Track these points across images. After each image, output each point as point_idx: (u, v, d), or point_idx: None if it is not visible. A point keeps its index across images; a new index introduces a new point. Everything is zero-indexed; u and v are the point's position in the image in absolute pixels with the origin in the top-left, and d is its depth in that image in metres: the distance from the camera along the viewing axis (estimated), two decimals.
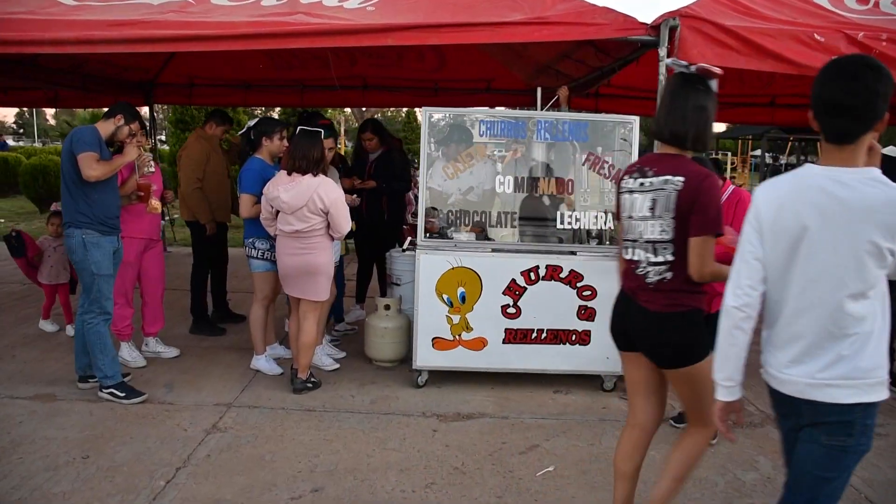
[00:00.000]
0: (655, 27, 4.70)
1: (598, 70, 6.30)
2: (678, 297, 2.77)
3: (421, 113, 4.99)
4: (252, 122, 5.30)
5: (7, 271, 8.74)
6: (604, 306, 4.94)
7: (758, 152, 29.35)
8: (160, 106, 15.10)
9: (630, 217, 2.93)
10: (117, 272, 5.15)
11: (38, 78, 7.85)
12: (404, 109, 26.62)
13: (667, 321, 2.80)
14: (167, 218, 11.55)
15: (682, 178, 2.68)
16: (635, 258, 2.92)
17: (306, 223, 4.62)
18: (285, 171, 4.71)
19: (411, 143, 19.42)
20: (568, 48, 6.26)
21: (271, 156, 5.20)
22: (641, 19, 4.81)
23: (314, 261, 4.71)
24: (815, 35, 4.65)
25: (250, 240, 5.15)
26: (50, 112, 50.36)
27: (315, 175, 4.62)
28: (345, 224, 4.69)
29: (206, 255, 6.42)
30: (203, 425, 4.35)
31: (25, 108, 51.20)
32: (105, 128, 4.66)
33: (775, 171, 22.07)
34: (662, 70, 4.72)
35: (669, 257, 2.76)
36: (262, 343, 5.33)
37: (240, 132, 5.62)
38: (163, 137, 22.65)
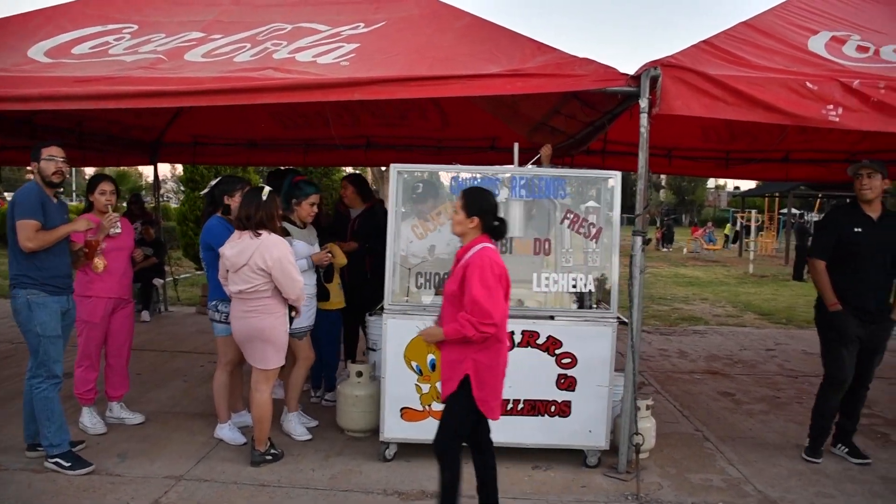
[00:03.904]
0: (636, 77, 4.47)
1: (590, 125, 6.06)
2: None
3: (391, 170, 4.76)
4: (214, 182, 5.14)
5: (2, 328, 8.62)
6: (585, 375, 4.64)
7: (786, 210, 28.78)
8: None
9: None
10: (89, 333, 5.05)
11: (37, 137, 7.84)
12: None
13: None
14: (172, 277, 11.48)
15: None
16: None
17: (249, 283, 4.37)
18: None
19: None
20: (557, 103, 6.06)
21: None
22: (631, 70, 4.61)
23: (259, 325, 4.44)
24: (808, 83, 4.39)
25: (213, 302, 4.92)
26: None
27: (258, 233, 4.38)
28: (291, 286, 4.41)
29: None
30: (144, 501, 4.06)
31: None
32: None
33: (801, 229, 21.52)
34: (644, 123, 4.46)
35: None
36: (225, 411, 5.06)
37: (202, 191, 5.46)
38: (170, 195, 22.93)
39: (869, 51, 4.90)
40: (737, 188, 42.39)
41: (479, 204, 3.63)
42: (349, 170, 13.11)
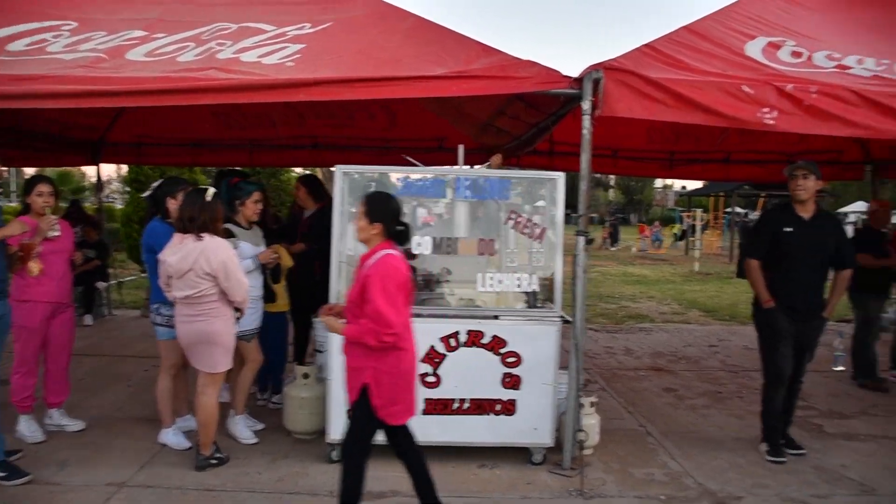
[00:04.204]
0: (579, 80, 4.55)
1: (536, 126, 6.14)
2: None
3: (336, 171, 4.76)
4: (156, 183, 5.07)
5: None
6: (530, 373, 4.69)
7: (730, 209, 29.45)
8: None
9: None
10: (26, 338, 4.94)
11: None
12: None
13: None
14: (116, 280, 11.26)
15: None
16: None
17: (195, 288, 4.31)
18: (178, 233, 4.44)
19: None
20: (501, 104, 6.12)
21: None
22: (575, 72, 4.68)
23: (207, 329, 4.39)
24: (744, 87, 4.53)
25: (155, 305, 4.85)
26: None
27: (200, 236, 4.33)
28: (237, 289, 4.38)
29: None
30: None
31: None
32: None
33: (745, 227, 22.05)
34: (586, 125, 4.54)
35: None
36: (169, 415, 5.00)
37: (144, 193, 5.38)
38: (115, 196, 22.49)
39: (802, 56, 5.05)
40: (684, 188, 43.19)
41: (381, 209, 3.59)
42: (299, 170, 13.04)
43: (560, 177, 4.76)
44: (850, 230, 12.39)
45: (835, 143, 8.41)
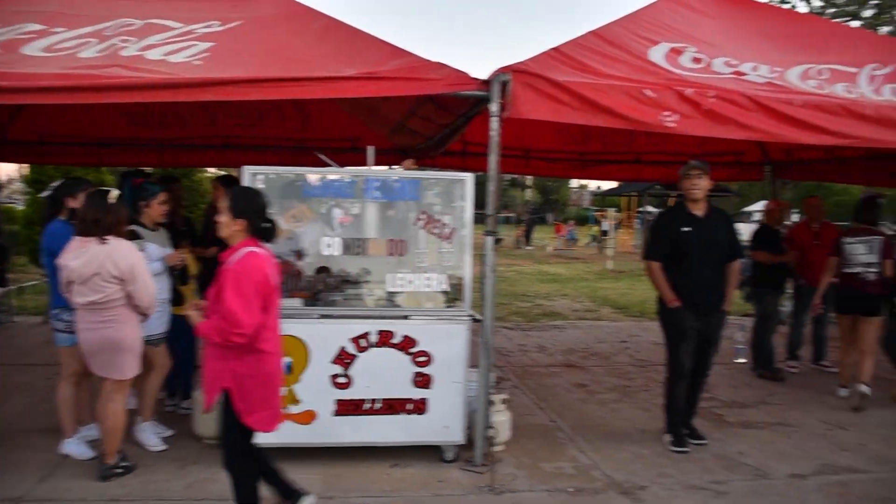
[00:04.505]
0: (487, 82, 4.62)
1: (447, 127, 6.19)
2: None
3: (243, 172, 4.70)
4: (56, 184, 4.90)
5: None
6: (440, 372, 4.74)
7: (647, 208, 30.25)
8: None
9: None
10: None
11: None
12: None
13: None
14: (14, 286, 10.80)
15: None
16: None
17: (100, 293, 4.18)
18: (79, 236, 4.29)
19: None
20: (413, 105, 6.15)
21: None
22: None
23: (114, 336, 4.27)
24: (646, 91, 4.69)
25: (56, 311, 4.68)
26: None
27: (104, 239, 4.21)
28: (145, 294, 4.28)
29: None
30: None
31: None
32: None
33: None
34: (494, 126, 4.62)
35: None
36: (71, 424, 4.82)
37: (43, 193, 5.20)
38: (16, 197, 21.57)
39: (702, 62, 5.26)
40: (599, 188, 44.22)
41: (246, 205, 3.49)
42: (212, 171, 12.75)
43: (469, 178, 4.82)
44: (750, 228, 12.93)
45: (736, 145, 8.74)
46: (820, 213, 7.93)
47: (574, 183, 62.50)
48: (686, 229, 5.18)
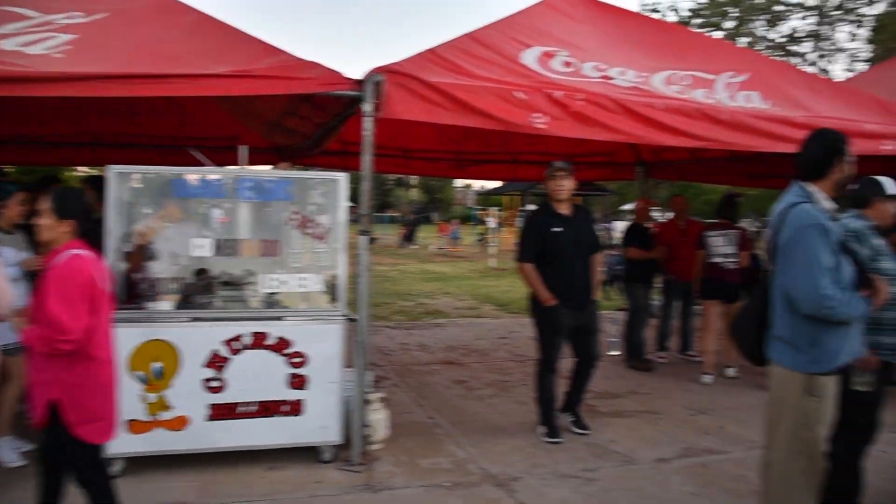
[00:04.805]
0: (361, 82, 4.63)
1: (324, 126, 6.16)
2: None
3: (108, 171, 4.52)
4: None
5: None
6: (316, 373, 4.71)
7: (529, 207, 30.93)
8: None
9: None
10: None
11: None
12: None
13: None
14: None
15: None
16: None
17: None
18: None
19: None
20: (289, 104, 6.09)
21: None
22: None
23: None
24: (517, 93, 4.81)
25: None
26: None
27: None
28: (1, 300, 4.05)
29: None
30: None
31: None
32: None
33: None
34: (367, 126, 4.63)
35: None
36: None
37: None
38: None
39: (573, 66, 5.44)
40: (483, 187, 44.87)
41: (70, 206, 3.31)
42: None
43: (342, 177, 4.81)
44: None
45: (610, 146, 9.05)
46: (685, 210, 8.36)
47: (459, 182, 63.25)
48: (557, 229, 5.35)
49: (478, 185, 52.68)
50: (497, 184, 31.16)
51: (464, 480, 4.68)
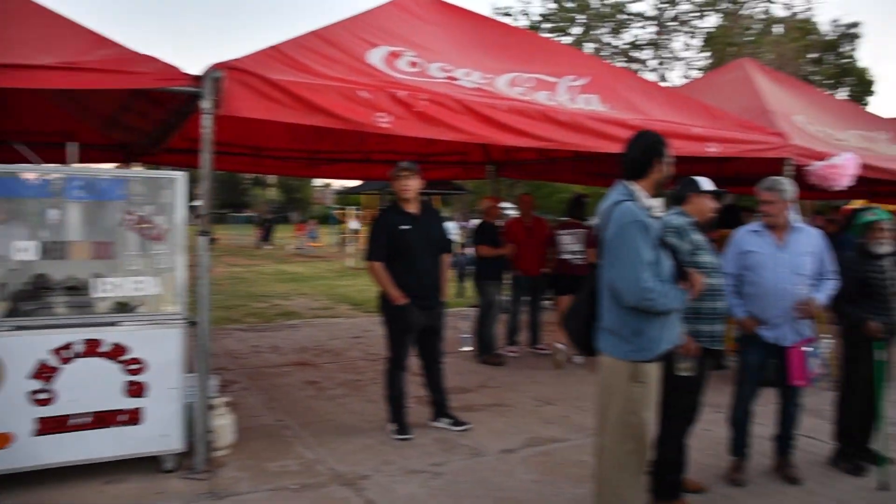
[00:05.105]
0: (199, 78, 4.48)
1: (165, 123, 5.92)
2: None
3: None
4: None
5: None
6: (155, 379, 4.54)
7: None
8: None
9: None
10: None
11: None
12: None
13: None
14: None
15: None
16: None
17: None
18: None
19: None
20: (124, 99, 5.82)
21: None
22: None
23: None
24: (360, 92, 4.82)
25: None
26: None
27: None
28: None
29: None
30: None
31: None
32: None
33: None
34: (206, 123, 4.50)
35: None
36: None
37: None
38: None
39: (419, 66, 5.52)
40: (343, 186, 44.49)
41: None
42: None
43: (180, 176, 4.64)
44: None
45: (461, 145, 9.22)
46: (531, 208, 8.65)
47: (318, 181, 62.48)
48: (405, 227, 5.41)
49: (337, 184, 52.28)
50: (356, 183, 31.08)
51: (312, 482, 4.64)
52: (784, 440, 4.89)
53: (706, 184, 4.23)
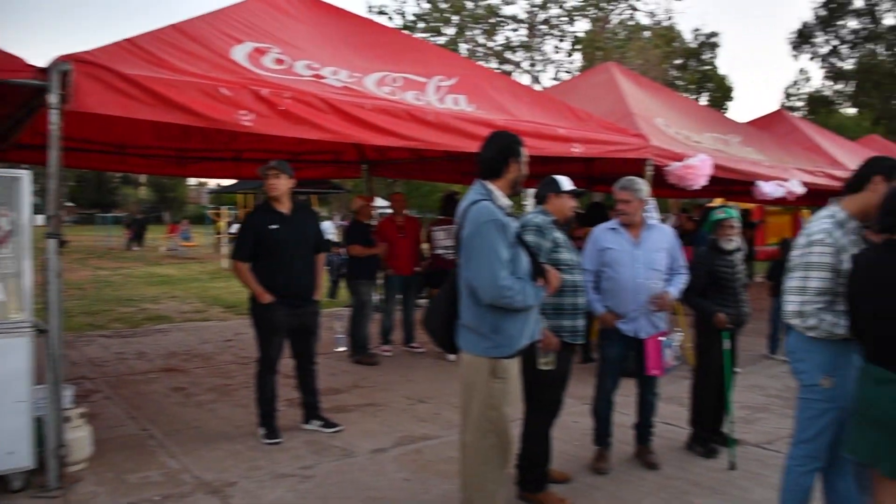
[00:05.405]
0: (45, 71, 4.24)
1: (9, 118, 5.56)
2: None
3: None
4: None
5: None
6: (1, 393, 4.26)
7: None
8: None
9: None
10: None
11: None
12: None
13: None
14: None
15: None
16: None
17: None
18: None
19: None
20: None
21: None
22: None
23: None
24: (221, 89, 4.69)
25: None
26: None
27: None
28: None
29: None
30: None
31: None
32: None
33: None
34: (53, 119, 4.26)
35: None
36: None
37: None
38: None
39: (285, 63, 5.43)
40: (219, 185, 43.23)
41: None
42: None
43: (25, 175, 4.39)
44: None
45: (335, 144, 9.11)
46: (403, 207, 8.70)
47: (193, 180, 60.53)
48: (273, 227, 5.32)
49: (213, 183, 50.77)
50: (232, 182, 30.26)
51: (175, 492, 4.49)
52: (643, 428, 5.12)
53: (566, 183, 4.37)
